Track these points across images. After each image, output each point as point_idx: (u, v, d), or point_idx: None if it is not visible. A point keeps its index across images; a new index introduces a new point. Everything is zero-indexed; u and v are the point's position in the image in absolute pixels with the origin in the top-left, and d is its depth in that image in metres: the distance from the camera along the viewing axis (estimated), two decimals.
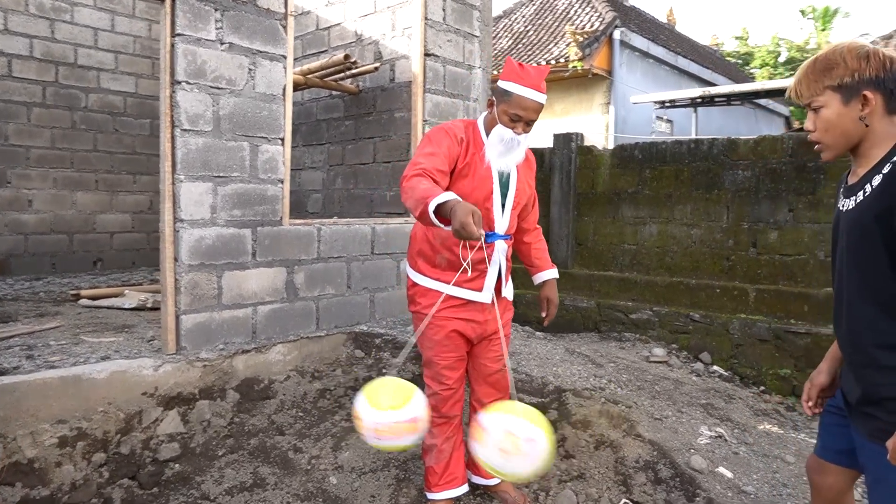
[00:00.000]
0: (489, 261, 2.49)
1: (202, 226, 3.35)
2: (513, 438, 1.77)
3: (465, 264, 2.37)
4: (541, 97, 2.36)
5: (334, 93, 6.29)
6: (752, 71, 27.25)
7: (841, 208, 1.70)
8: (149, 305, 4.88)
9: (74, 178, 6.79)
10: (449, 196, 2.01)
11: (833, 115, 1.61)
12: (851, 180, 1.68)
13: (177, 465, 3.13)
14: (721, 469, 2.98)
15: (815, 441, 3.56)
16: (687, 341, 5.01)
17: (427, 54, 4.60)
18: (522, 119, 2.36)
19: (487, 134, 2.47)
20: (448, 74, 4.80)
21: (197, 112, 3.29)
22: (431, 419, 2.68)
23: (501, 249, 2.54)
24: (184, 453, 3.20)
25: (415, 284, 2.63)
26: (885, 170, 1.54)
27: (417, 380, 3.80)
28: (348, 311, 4.18)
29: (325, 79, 5.88)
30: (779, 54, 28.72)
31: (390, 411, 1.87)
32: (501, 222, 2.53)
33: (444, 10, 4.71)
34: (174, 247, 3.26)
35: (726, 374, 4.72)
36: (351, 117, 6.22)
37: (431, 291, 2.55)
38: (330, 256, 4.03)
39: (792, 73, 26.63)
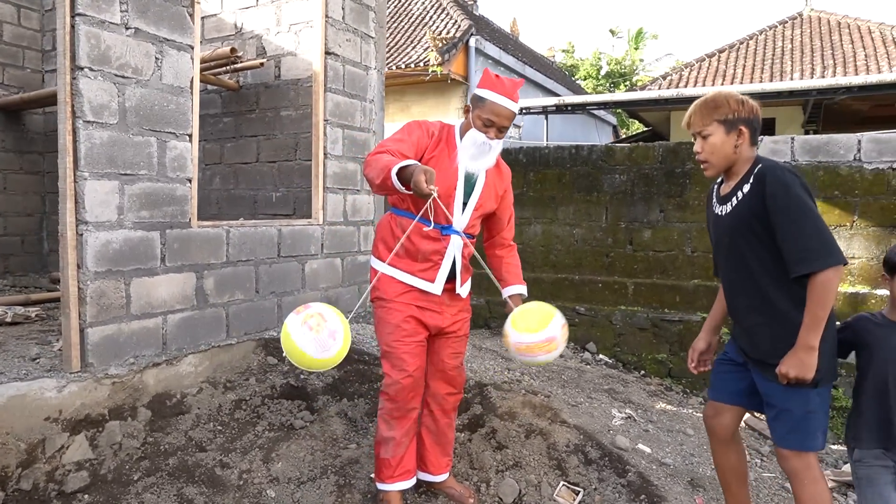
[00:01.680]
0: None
1: (109, 228, 3.03)
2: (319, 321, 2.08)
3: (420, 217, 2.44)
4: (513, 105, 2.51)
5: (210, 87, 5.92)
6: (577, 82, 29.51)
7: (719, 213, 2.28)
8: (8, 320, 4.27)
9: None
10: (411, 162, 2.22)
11: (718, 141, 2.19)
12: (724, 192, 2.28)
13: (87, 496, 2.81)
14: (640, 446, 3.27)
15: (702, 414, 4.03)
16: (574, 333, 5.38)
17: (328, 53, 4.52)
18: (495, 125, 2.49)
19: (462, 138, 2.55)
20: (347, 74, 4.74)
21: (101, 102, 2.97)
22: (389, 412, 2.67)
23: (457, 244, 2.61)
24: (94, 482, 2.88)
25: (376, 272, 2.67)
26: (751, 180, 2.14)
27: (337, 384, 3.73)
28: (257, 317, 3.99)
29: (203, 72, 5.52)
30: (600, 68, 31.33)
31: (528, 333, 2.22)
32: (460, 219, 2.61)
33: (343, 9, 4.65)
34: (77, 252, 2.92)
35: (611, 361, 5.15)
36: (230, 114, 5.90)
37: (389, 279, 2.62)
38: (239, 260, 3.82)
39: (614, 85, 29.29)
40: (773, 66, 12.86)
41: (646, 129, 17.32)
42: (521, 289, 2.79)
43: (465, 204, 2.59)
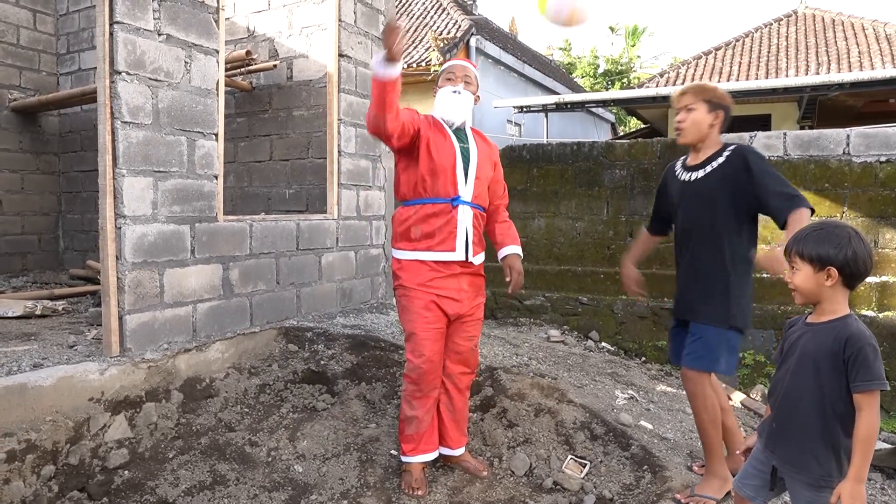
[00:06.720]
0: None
1: (144, 222, 3.24)
2: None
3: None
4: (463, 63, 2.92)
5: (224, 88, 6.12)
6: (575, 80, 29.64)
7: (686, 179, 2.70)
8: (38, 313, 4.48)
9: None
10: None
11: (700, 115, 2.64)
12: (692, 162, 2.72)
13: (126, 472, 3.02)
14: (643, 422, 3.48)
15: None
16: (577, 322, 5.60)
17: (341, 55, 4.72)
18: (456, 76, 2.87)
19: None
20: (359, 75, 4.94)
21: (137, 104, 3.18)
22: (412, 393, 2.89)
23: (467, 214, 2.82)
24: (133, 459, 3.09)
25: (398, 261, 2.88)
26: (725, 154, 2.63)
27: (356, 369, 3.94)
28: (278, 307, 4.20)
29: None
30: (598, 66, 31.44)
31: None
32: (466, 189, 2.82)
33: (354, 13, 4.86)
34: (116, 244, 3.13)
35: (613, 348, 5.37)
36: (243, 114, 6.10)
37: (411, 264, 2.82)
38: (261, 252, 4.03)
39: (611, 83, 29.45)
40: (769, 63, 13.08)
41: (644, 125, 17.55)
42: (517, 249, 3.04)
43: (466, 175, 2.82)
